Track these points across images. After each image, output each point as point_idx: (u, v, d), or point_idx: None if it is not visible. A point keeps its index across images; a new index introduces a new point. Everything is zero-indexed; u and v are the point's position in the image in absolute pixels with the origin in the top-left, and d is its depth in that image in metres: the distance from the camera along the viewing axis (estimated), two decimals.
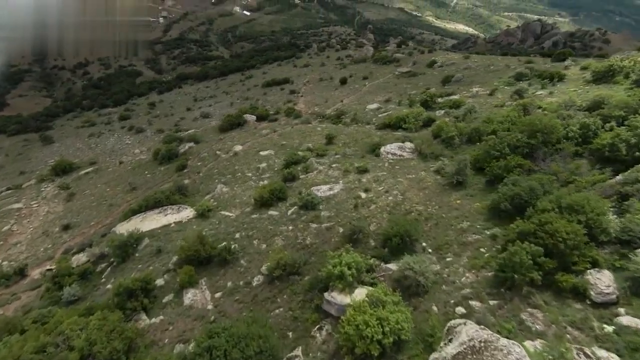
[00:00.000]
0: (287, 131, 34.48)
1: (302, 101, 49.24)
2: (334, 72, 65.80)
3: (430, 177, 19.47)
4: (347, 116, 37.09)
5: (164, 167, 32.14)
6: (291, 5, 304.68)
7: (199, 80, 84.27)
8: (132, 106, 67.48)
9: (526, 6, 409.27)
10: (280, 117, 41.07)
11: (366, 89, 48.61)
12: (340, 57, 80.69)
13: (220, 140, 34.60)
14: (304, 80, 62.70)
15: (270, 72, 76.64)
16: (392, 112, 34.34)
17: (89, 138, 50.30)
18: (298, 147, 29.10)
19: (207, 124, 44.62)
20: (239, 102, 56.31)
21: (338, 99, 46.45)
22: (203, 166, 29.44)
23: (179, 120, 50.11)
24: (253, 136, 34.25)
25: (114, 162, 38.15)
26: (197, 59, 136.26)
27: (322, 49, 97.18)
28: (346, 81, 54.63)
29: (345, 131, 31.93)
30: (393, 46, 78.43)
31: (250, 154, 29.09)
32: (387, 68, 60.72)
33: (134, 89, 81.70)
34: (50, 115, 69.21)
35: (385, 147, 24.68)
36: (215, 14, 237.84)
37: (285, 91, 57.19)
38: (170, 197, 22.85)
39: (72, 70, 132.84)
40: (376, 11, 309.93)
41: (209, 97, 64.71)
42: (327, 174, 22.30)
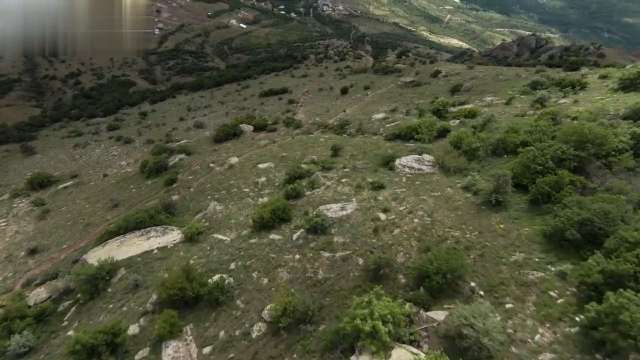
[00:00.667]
0: (287, 142, 31.73)
1: (302, 111, 46.73)
2: (334, 82, 63.72)
3: (460, 195, 16.71)
4: (352, 126, 34.53)
5: (151, 181, 29.05)
6: (287, 18, 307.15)
7: (194, 90, 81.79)
8: (122, 116, 64.50)
9: (517, 22, 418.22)
10: (279, 127, 38.38)
11: (369, 99, 46.29)
12: (339, 67, 78.95)
13: (214, 152, 31.69)
14: (302, 90, 60.42)
15: (268, 82, 74.46)
16: (401, 122, 31.84)
17: (74, 149, 47.09)
18: (300, 159, 26.30)
19: (200, 135, 41.74)
20: (235, 112, 53.65)
21: (340, 108, 43.99)
22: (194, 180, 26.44)
23: (170, 130, 47.19)
24: (250, 147, 31.41)
25: (98, 175, 34.94)
26: (192, 70, 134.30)
27: (320, 60, 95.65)
28: (347, 91, 52.38)
29: (352, 142, 29.30)
30: (393, 57, 77.04)
31: (247, 167, 26.19)
32: (388, 78, 58.74)
33: (125, 98, 78.88)
34: (36, 125, 65.92)
35: (401, 160, 21.98)
36: (211, 26, 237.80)
37: (283, 101, 54.74)
38: (154, 216, 19.76)
39: (64, 80, 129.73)
40: (372, 25, 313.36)
41: (204, 107, 62.04)
42: (336, 190, 19.44)
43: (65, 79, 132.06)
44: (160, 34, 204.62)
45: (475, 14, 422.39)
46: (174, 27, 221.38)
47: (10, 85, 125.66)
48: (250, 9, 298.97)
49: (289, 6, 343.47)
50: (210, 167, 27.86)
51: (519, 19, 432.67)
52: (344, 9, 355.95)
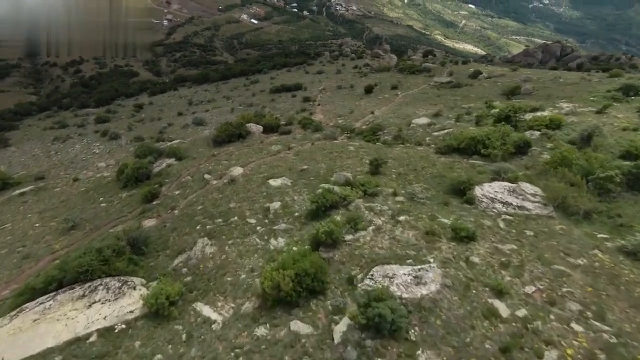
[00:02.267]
0: (306, 149, 24.70)
1: (320, 111, 39.70)
2: (354, 80, 56.67)
3: (626, 267, 9.66)
4: (387, 132, 27.43)
5: (128, 192, 22.10)
6: (299, 16, 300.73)
7: (198, 84, 75.10)
8: (116, 107, 57.85)
9: (533, 31, 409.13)
10: (294, 129, 31.36)
11: (400, 100, 39.17)
12: (358, 65, 71.92)
13: (213, 158, 24.70)
14: (319, 87, 53.41)
15: (279, 78, 67.56)
16: (454, 130, 24.75)
17: (52, 143, 40.33)
18: (327, 175, 19.29)
19: (199, 133, 34.83)
20: (242, 108, 46.73)
21: (366, 109, 36.91)
22: (182, 197, 19.45)
23: (165, 126, 40.34)
24: (259, 154, 24.39)
25: (67, 179, 28.09)
26: (199, 63, 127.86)
27: (335, 58, 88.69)
28: (372, 90, 45.31)
29: (392, 154, 22.25)
30: (419, 55, 70.09)
31: (254, 183, 19.18)
32: (417, 78, 51.60)
33: (123, 88, 72.40)
34: (21, 113, 59.58)
35: (483, 189, 14.90)
36: (222, 20, 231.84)
37: (297, 98, 47.74)
38: (110, 261, 12.78)
39: (64, 68, 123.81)
40: (385, 27, 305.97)
41: (207, 101, 55.23)
42: (394, 237, 12.37)
43: (65, 66, 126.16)
44: (169, 26, 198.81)
45: (490, 21, 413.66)
46: (183, 19, 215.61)
47: (8, 70, 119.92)
48: (263, 5, 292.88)
49: (301, 4, 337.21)
50: (205, 180, 20.85)
51: (535, 27, 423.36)
52: (358, 10, 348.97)
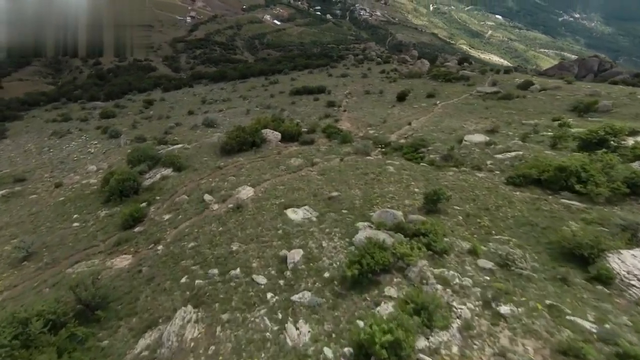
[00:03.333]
0: (334, 166, 19.77)
1: (347, 118, 34.77)
2: (382, 85, 51.61)
3: None
4: (433, 150, 22.29)
5: (109, 210, 17.58)
6: (323, 19, 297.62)
7: (215, 81, 71.31)
8: (126, 102, 54.31)
9: (562, 45, 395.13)
10: (317, 139, 26.50)
11: (440, 110, 33.88)
12: (385, 70, 66.79)
13: (218, 171, 20.00)
14: (344, 92, 48.55)
15: (300, 79, 63.02)
16: (523, 153, 19.44)
17: (49, 138, 36.66)
18: (364, 208, 14.35)
19: (208, 136, 30.38)
20: (258, 110, 42.26)
21: (401, 119, 31.82)
22: (171, 226, 14.72)
23: (172, 126, 36.09)
24: (275, 169, 19.59)
25: (50, 183, 23.94)
26: (219, 61, 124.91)
27: (360, 61, 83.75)
28: (405, 97, 40.17)
29: (445, 180, 17.22)
30: (453, 62, 64.66)
31: (267, 213, 14.34)
32: (455, 86, 46.15)
33: (136, 82, 69.22)
34: (29, 103, 56.85)
35: (623, 261, 9.66)
36: (244, 19, 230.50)
37: (320, 102, 42.97)
38: (36, 343, 8.07)
39: (84, 59, 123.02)
40: (409, 34, 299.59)
41: (222, 100, 51.06)
42: (502, 354, 7.26)
43: (86, 58, 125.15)
44: (192, 23, 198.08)
45: (518, 33, 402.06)
46: (206, 17, 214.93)
47: (29, 59, 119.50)
48: (286, 7, 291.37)
49: (325, 8, 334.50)
50: (204, 202, 16.10)
51: (565, 41, 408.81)
52: (382, 15, 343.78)
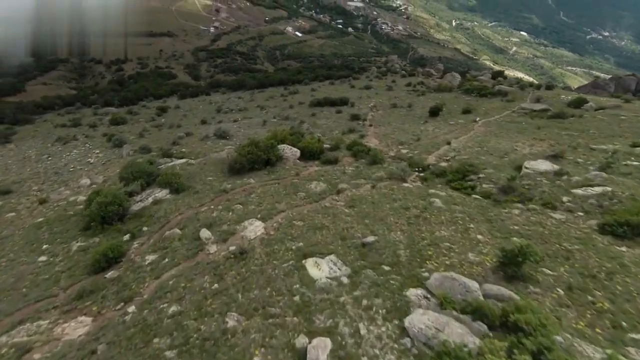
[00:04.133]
0: (364, 195, 15.89)
1: (374, 133, 31.01)
2: (410, 98, 47.76)
3: None
4: (485, 178, 18.19)
5: (85, 241, 14.19)
6: (344, 32, 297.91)
7: (233, 90, 69.14)
8: (140, 109, 52.29)
9: (591, 63, 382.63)
10: (342, 157, 22.77)
11: (482, 128, 29.66)
12: (411, 82, 62.99)
13: (223, 196, 16.42)
14: (368, 104, 44.92)
15: (321, 90, 59.91)
16: (614, 190, 15.08)
17: (53, 144, 34.37)
18: (412, 263, 10.28)
19: (218, 149, 27.12)
20: (276, 121, 39.04)
21: (437, 137, 27.80)
22: (152, 275, 11.04)
23: (182, 136, 33.14)
24: (292, 196, 15.87)
25: (34, 199, 20.97)
26: (239, 70, 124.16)
27: (383, 73, 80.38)
28: (439, 112, 36.15)
29: (512, 222, 13.08)
30: (487, 76, 60.46)
31: (279, 265, 10.50)
32: (492, 102, 41.82)
33: (153, 89, 67.76)
34: (44, 106, 55.75)
35: None
36: (267, 31, 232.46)
37: (343, 115, 39.42)
38: None
39: (108, 65, 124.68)
40: (431, 48, 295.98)
41: (238, 109, 48.23)
42: None
43: (110, 64, 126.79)
44: (215, 33, 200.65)
45: (544, 50, 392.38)
46: (229, 28, 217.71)
47: (55, 64, 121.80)
48: (309, 19, 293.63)
49: (346, 21, 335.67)
50: (199, 241, 12.44)
51: (593, 60, 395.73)
52: (404, 30, 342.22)
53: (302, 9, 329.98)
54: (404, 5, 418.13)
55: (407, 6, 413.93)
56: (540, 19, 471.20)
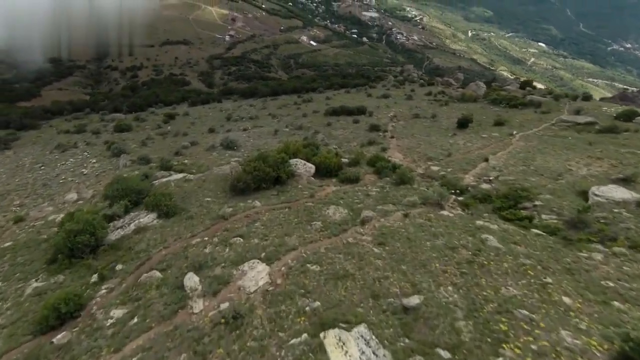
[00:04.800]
0: (396, 227, 12.58)
1: (396, 146, 27.79)
2: (433, 108, 44.42)
3: None
4: (542, 207, 14.76)
5: (46, 280, 11.31)
6: (359, 42, 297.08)
7: (245, 97, 67.05)
8: (148, 115, 50.38)
9: (613, 75, 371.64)
10: (363, 175, 19.62)
11: (521, 143, 26.09)
12: (432, 92, 59.65)
13: (220, 223, 13.38)
14: (388, 114, 41.75)
15: (336, 98, 57.11)
16: None
17: (51, 151, 32.27)
18: (482, 349, 6.95)
19: (224, 160, 24.33)
20: (288, 131, 36.24)
21: (470, 152, 24.41)
22: (112, 346, 7.99)
23: (186, 145, 30.58)
24: (305, 226, 12.72)
25: (12, 216, 18.39)
26: (252, 78, 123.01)
27: (400, 82, 77.30)
28: (468, 124, 32.73)
29: (602, 274, 9.42)
30: (515, 86, 56.72)
31: (287, 332, 7.20)
32: (525, 113, 38.13)
33: (163, 95, 66.25)
34: (52, 111, 54.56)
35: None
36: (281, 39, 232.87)
37: (361, 125, 36.35)
38: None
39: (123, 72, 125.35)
40: (446, 58, 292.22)
41: (248, 117, 45.71)
42: None
43: (125, 70, 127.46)
44: (230, 41, 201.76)
45: (563, 61, 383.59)
46: (244, 36, 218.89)
47: (72, 70, 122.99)
48: (323, 29, 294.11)
49: (361, 31, 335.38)
50: (182, 295, 9.36)
51: (615, 71, 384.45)
52: (419, 40, 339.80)
53: (317, 19, 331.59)
54: (419, 15, 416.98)
55: (423, 17, 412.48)
56: (559, 30, 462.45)
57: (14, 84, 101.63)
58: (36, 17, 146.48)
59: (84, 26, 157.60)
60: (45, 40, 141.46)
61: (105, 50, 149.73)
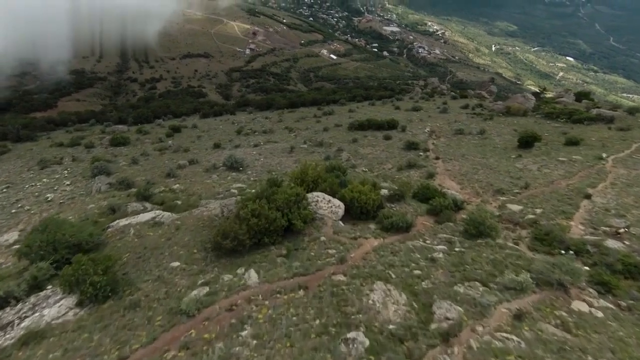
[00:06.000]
0: (508, 349, 6.18)
1: (445, 170, 21.44)
2: (476, 123, 37.81)
3: None
4: None
5: None
6: (379, 56, 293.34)
7: (261, 109, 62.25)
8: (153, 127, 45.97)
9: None
10: (415, 218, 13.38)
11: (621, 171, 19.23)
12: (468, 105, 53.00)
13: (178, 332, 7.36)
14: (424, 129, 35.47)
15: (360, 111, 51.31)
16: None
17: (30, 169, 27.58)
18: None
19: (221, 187, 18.61)
20: (306, 147, 30.49)
21: (553, 182, 17.79)
22: None
23: (183, 164, 25.24)
24: (333, 341, 6.47)
25: None
26: (271, 90, 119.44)
27: (429, 94, 70.96)
28: (533, 143, 26.04)
29: None
30: (570, 98, 49.54)
31: None
32: (598, 130, 31.02)
33: (174, 107, 62.33)
34: (56, 122, 51.16)
35: None
36: (301, 53, 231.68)
37: (394, 142, 30.19)
38: None
39: (142, 84, 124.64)
40: (470, 72, 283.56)
41: (262, 131, 40.34)
42: None
43: (144, 82, 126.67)
44: (250, 54, 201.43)
45: (594, 75, 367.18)
46: (265, 50, 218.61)
47: (93, 82, 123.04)
48: (343, 43, 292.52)
49: (382, 45, 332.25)
50: None
51: None
52: (441, 54, 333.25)
53: (337, 33, 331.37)
54: (441, 30, 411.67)
55: (444, 31, 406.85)
56: (588, 44, 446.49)
57: (34, 95, 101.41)
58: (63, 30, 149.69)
59: (108, 39, 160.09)
60: (71, 52, 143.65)
61: (127, 62, 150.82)
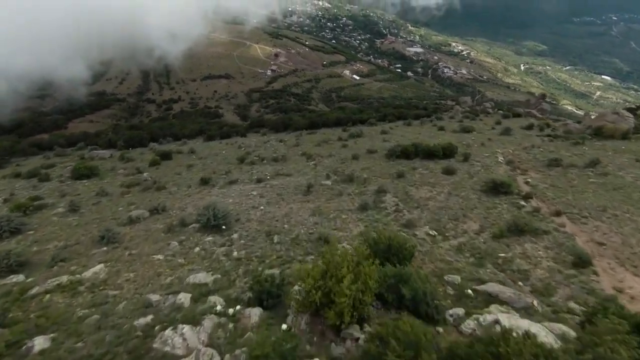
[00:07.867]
0: None
1: (589, 242, 11.07)
2: (566, 149, 27.18)
3: None
4: None
5: None
6: (403, 76, 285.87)
7: (276, 131, 53.79)
8: (143, 152, 38.03)
9: None
10: None
11: None
12: (533, 124, 42.20)
13: None
14: (494, 157, 25.23)
15: (396, 132, 41.63)
16: None
17: None
18: None
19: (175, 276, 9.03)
20: (330, 185, 20.83)
21: None
22: None
23: (136, 218, 16.17)
24: None
25: None
26: (291, 110, 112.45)
27: (474, 113, 60.65)
28: None
29: None
30: None
31: None
32: None
33: (178, 128, 55.10)
34: (42, 147, 44.66)
35: None
36: (323, 74, 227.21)
37: (462, 178, 20.14)
38: None
39: (160, 105, 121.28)
40: (500, 92, 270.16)
41: (272, 159, 31.23)
42: None
43: (162, 103, 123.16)
44: (272, 75, 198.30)
45: (634, 94, 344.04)
46: (286, 71, 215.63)
47: (110, 103, 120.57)
48: (366, 63, 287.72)
49: (406, 65, 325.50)
50: None
51: None
52: (467, 73, 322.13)
53: (360, 55, 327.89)
54: (466, 50, 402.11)
55: (469, 51, 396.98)
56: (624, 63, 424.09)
57: (48, 116, 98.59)
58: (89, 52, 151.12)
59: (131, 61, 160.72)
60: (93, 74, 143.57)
61: (148, 84, 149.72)
